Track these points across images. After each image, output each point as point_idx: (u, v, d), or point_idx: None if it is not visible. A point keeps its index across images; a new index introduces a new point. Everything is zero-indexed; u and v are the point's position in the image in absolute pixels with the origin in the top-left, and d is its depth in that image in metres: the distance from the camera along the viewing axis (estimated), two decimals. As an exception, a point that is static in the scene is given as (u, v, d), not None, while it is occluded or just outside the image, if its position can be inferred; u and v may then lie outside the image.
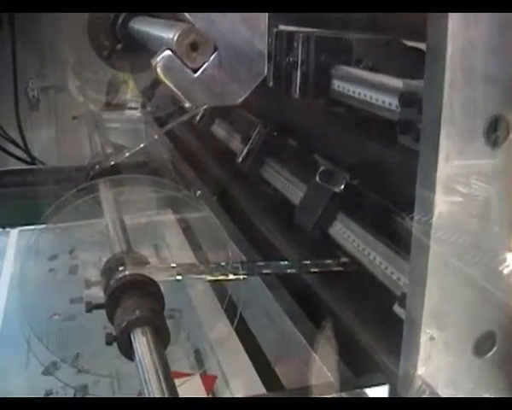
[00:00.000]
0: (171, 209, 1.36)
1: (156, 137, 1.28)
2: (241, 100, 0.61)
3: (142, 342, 0.71)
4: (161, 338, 0.73)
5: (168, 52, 0.59)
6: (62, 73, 1.72)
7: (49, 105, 1.75)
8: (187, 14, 0.59)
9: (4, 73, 1.69)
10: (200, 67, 0.60)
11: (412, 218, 0.61)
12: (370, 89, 0.72)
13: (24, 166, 1.71)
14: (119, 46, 1.00)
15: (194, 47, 0.59)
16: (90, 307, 0.79)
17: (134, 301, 0.76)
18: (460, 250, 0.57)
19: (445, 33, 0.51)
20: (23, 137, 1.73)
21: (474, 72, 0.53)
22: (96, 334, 1.02)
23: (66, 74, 1.71)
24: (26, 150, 1.73)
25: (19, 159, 1.73)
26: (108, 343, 0.74)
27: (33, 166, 1.71)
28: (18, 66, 1.70)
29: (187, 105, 0.58)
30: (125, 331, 0.72)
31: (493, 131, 0.55)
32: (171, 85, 0.59)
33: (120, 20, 0.97)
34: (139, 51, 0.91)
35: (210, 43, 0.60)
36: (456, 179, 0.56)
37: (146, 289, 0.78)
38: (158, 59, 0.59)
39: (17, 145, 1.73)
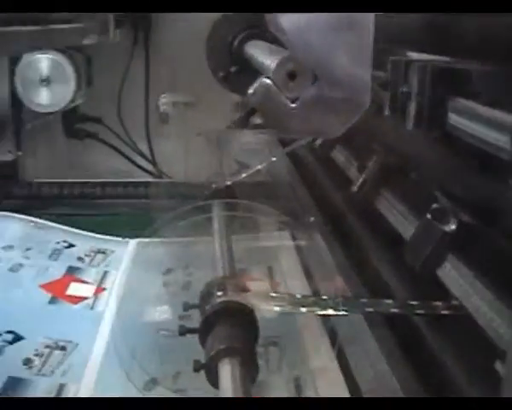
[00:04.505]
0: (288, 233, 1.34)
1: (275, 158, 1.27)
2: (339, 134, 0.58)
3: (228, 374, 0.69)
4: (249, 372, 0.71)
5: (266, 80, 0.57)
6: (193, 88, 1.75)
7: (178, 120, 1.78)
8: (286, 42, 0.57)
9: (137, 87, 1.74)
10: (298, 97, 0.57)
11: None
12: (486, 125, 0.67)
13: (149, 179, 1.74)
14: (233, 69, 0.99)
15: (292, 76, 0.57)
16: (183, 331, 0.79)
17: (226, 330, 0.74)
18: None
19: None
20: (151, 151, 1.77)
21: None
22: (199, 354, 1.02)
23: (196, 90, 1.74)
24: (154, 163, 1.77)
25: (146, 171, 1.77)
26: (196, 370, 0.73)
27: (158, 180, 1.74)
28: (150, 81, 1.75)
29: (282, 136, 0.56)
30: (213, 360, 0.71)
31: None
32: (266, 115, 0.57)
33: (236, 42, 0.97)
34: (251, 75, 0.90)
35: (309, 73, 0.57)
36: None
37: (241, 318, 0.77)
38: (255, 86, 0.57)
39: (145, 158, 1.77)
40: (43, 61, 1.50)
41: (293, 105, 0.57)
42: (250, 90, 0.57)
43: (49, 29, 1.11)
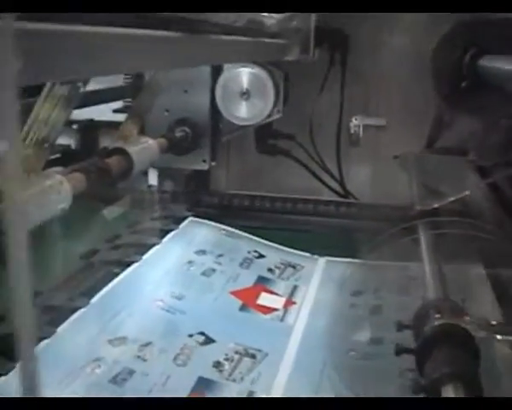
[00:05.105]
0: (482, 263, 1.28)
1: (482, 186, 1.21)
2: None
3: (453, 400, 0.65)
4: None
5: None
6: (385, 112, 1.73)
7: (369, 143, 1.76)
8: None
9: (330, 108, 1.74)
10: None
11: None
12: None
13: (338, 199, 1.74)
14: (463, 84, 0.95)
15: None
16: (400, 350, 0.76)
17: (449, 353, 0.70)
18: None
19: None
20: (340, 171, 1.76)
21: None
22: (390, 380, 0.98)
23: (388, 114, 1.72)
24: (341, 183, 1.76)
25: (333, 191, 1.76)
26: (415, 392, 0.69)
27: (348, 200, 1.73)
28: (344, 103, 1.74)
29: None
30: (436, 384, 0.67)
31: None
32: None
33: (468, 55, 0.93)
34: (487, 92, 0.86)
35: None
36: None
37: (463, 342, 0.73)
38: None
39: (334, 178, 1.76)
40: (245, 75, 1.53)
41: None
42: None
43: (256, 41, 1.12)
